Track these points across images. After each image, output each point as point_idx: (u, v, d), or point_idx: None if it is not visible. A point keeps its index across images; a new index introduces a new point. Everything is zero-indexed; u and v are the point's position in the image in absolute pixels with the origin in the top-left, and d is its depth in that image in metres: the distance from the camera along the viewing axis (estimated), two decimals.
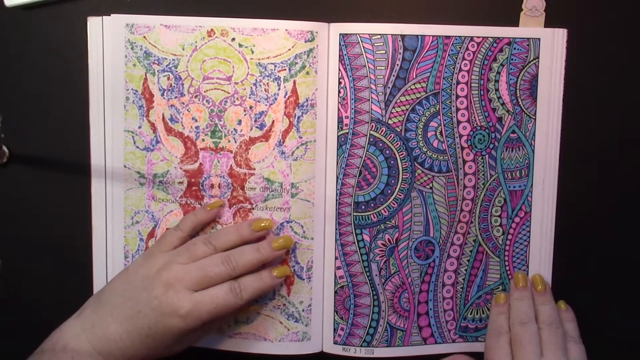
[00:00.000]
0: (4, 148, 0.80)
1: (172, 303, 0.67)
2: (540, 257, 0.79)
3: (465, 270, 0.79)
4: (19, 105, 0.80)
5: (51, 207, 0.81)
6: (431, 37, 0.75)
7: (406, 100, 0.76)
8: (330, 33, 0.76)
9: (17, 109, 0.80)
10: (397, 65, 0.75)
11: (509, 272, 0.79)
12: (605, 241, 0.79)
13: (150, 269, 0.71)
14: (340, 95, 0.76)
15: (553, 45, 0.76)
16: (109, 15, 0.76)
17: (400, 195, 0.77)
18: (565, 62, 0.76)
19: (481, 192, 0.78)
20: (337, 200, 0.77)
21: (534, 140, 0.77)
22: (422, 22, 0.75)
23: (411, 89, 0.76)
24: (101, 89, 0.77)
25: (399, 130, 0.76)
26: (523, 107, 0.77)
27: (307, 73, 0.75)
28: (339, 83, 0.76)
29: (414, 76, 0.76)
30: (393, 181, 0.77)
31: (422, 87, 0.76)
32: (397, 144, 0.77)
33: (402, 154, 0.77)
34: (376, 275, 0.78)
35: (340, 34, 0.75)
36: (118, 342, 0.67)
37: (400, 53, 0.75)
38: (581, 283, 0.79)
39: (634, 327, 0.79)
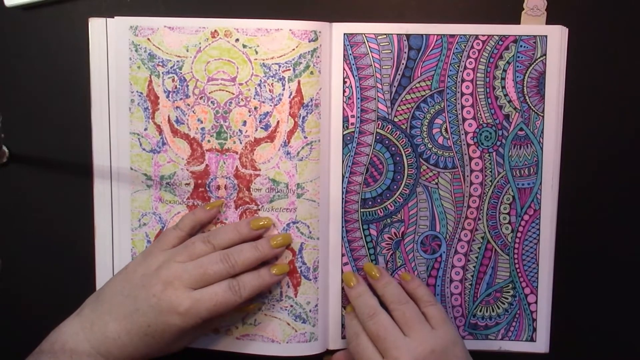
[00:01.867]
0: (4, 148, 0.79)
1: (171, 301, 0.67)
2: (550, 256, 0.79)
3: (474, 267, 0.80)
4: (19, 106, 0.79)
5: (51, 208, 0.81)
6: (436, 36, 0.76)
7: (411, 98, 0.77)
8: (332, 33, 0.76)
9: (17, 109, 0.79)
10: (403, 64, 0.77)
11: (518, 271, 0.79)
12: (614, 237, 0.80)
13: (149, 267, 0.70)
14: (346, 94, 0.76)
15: (561, 43, 0.76)
16: (110, 15, 0.76)
17: (405, 191, 0.78)
18: (566, 61, 0.76)
19: (489, 189, 0.78)
20: (343, 198, 0.78)
21: (543, 138, 0.77)
22: (423, 22, 0.76)
23: (416, 87, 0.77)
24: (105, 91, 0.77)
25: (404, 127, 0.78)
26: (531, 105, 0.77)
27: (312, 73, 0.75)
28: (344, 82, 0.76)
29: (419, 74, 0.77)
30: (399, 177, 0.78)
31: (427, 85, 0.77)
32: (403, 140, 0.78)
33: (408, 150, 0.78)
34: (383, 268, 0.79)
35: (344, 34, 0.76)
36: (117, 341, 0.67)
37: (405, 52, 0.76)
38: (587, 283, 0.79)
39: (635, 327, 0.80)
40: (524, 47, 0.76)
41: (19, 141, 0.80)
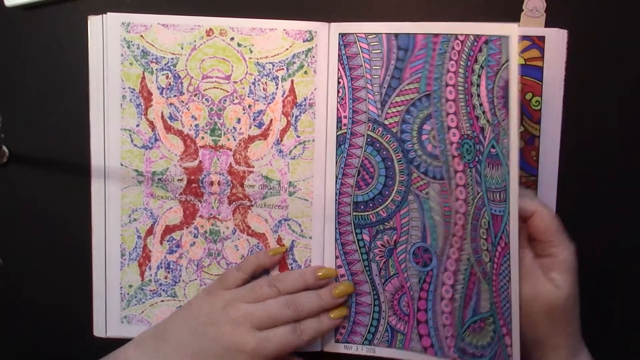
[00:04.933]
0: (4, 148, 0.80)
1: (240, 340, 0.70)
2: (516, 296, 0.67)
3: (462, 288, 0.74)
4: (19, 105, 0.80)
5: (51, 207, 0.81)
6: (422, 36, 0.72)
7: (401, 100, 0.74)
8: (330, 32, 0.75)
9: (17, 109, 0.80)
10: (392, 64, 0.73)
11: (496, 305, 0.69)
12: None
13: (215, 305, 0.72)
14: (339, 95, 0.75)
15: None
16: (106, 14, 0.77)
17: (397, 197, 0.75)
18: (565, 63, 0.75)
19: (471, 209, 0.72)
20: (336, 199, 0.77)
21: (509, 160, 0.65)
22: (420, 22, 0.75)
23: (405, 90, 0.73)
24: (101, 89, 0.77)
25: (395, 131, 0.74)
26: (500, 119, 0.66)
27: (306, 73, 0.75)
28: (338, 83, 0.75)
29: (408, 76, 0.73)
30: (390, 182, 0.75)
31: (415, 87, 0.73)
32: (394, 145, 0.75)
33: (399, 155, 0.75)
34: (376, 275, 0.77)
35: (339, 34, 0.75)
36: None
37: (394, 52, 0.73)
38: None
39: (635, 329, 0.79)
40: (493, 49, 0.66)
41: (19, 141, 0.81)
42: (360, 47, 0.74)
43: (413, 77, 0.73)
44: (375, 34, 0.73)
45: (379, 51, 0.74)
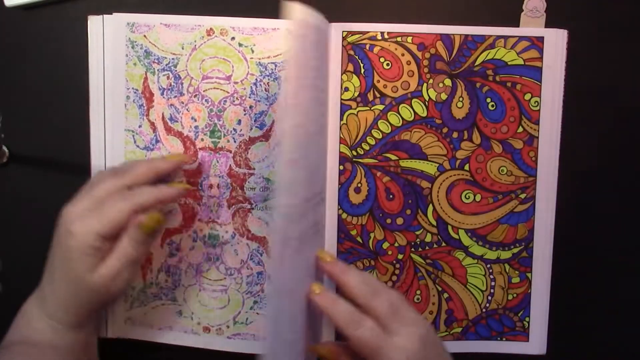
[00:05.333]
0: (4, 148, 0.80)
1: (65, 225, 0.65)
2: None
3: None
4: (19, 106, 0.80)
5: (51, 207, 0.80)
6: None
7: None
8: (332, 33, 0.75)
9: (17, 109, 0.80)
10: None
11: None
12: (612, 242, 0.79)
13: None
14: None
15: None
16: (109, 13, 0.77)
17: None
18: (565, 63, 0.75)
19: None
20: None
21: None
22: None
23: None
24: (101, 88, 0.77)
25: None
26: None
27: None
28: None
29: None
30: None
31: None
32: None
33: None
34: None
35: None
36: (52, 299, 0.67)
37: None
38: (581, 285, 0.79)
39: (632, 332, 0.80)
40: None
41: (19, 141, 0.81)
42: None
43: None
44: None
45: None
